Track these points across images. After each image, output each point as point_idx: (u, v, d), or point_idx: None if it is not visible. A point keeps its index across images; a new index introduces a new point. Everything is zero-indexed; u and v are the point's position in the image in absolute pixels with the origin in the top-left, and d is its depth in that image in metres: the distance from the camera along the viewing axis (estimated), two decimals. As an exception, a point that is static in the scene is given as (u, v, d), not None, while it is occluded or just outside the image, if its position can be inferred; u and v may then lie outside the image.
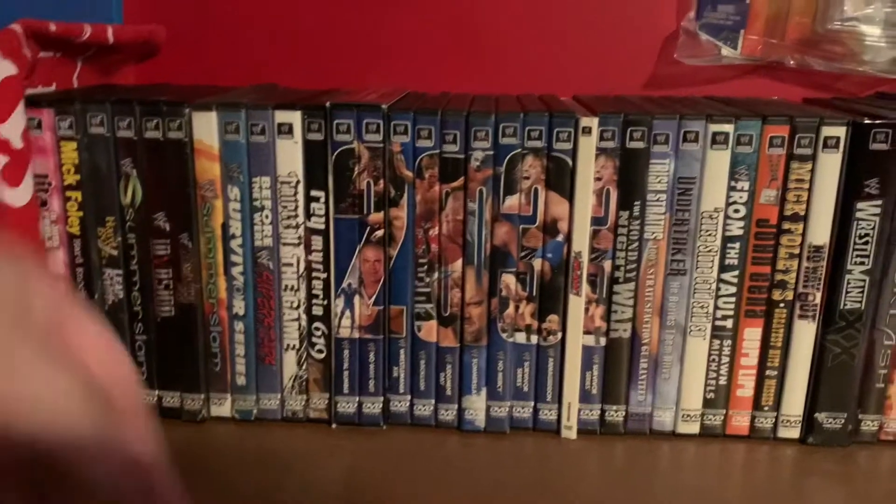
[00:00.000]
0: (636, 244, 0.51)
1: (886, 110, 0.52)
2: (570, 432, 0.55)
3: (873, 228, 0.50)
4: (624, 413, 0.55)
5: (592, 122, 0.49)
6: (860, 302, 0.51)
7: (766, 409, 0.54)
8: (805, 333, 0.52)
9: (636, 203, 0.51)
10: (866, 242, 0.50)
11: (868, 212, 0.50)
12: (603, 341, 0.53)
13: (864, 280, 0.51)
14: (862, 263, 0.51)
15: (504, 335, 0.53)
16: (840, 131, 0.49)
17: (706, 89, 0.65)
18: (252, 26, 0.67)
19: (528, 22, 0.65)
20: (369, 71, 0.67)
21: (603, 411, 0.55)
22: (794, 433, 0.55)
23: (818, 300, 0.52)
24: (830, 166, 0.49)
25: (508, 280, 0.52)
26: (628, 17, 0.64)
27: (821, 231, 0.51)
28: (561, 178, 0.50)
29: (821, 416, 0.54)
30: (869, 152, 0.49)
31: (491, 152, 0.50)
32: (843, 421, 0.54)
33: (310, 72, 0.67)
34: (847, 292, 0.51)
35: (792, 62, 0.62)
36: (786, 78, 0.64)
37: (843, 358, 0.52)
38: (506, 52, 0.66)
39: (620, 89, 0.65)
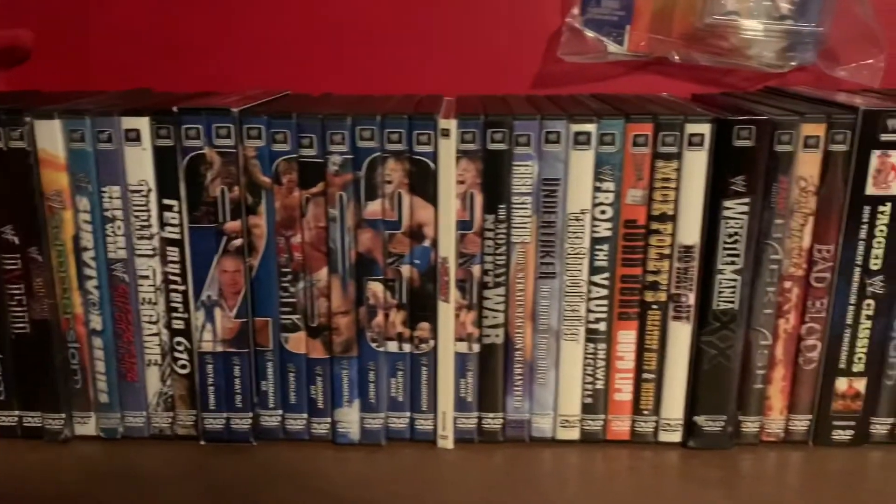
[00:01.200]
0: (504, 248, 0.50)
1: (765, 105, 0.52)
2: (446, 442, 0.53)
3: (742, 227, 0.49)
4: (502, 420, 0.53)
5: (451, 125, 0.47)
6: (733, 302, 0.50)
7: (645, 413, 0.53)
8: (680, 335, 0.51)
9: (501, 206, 0.49)
10: (736, 241, 0.49)
11: (736, 210, 0.49)
12: (476, 348, 0.52)
13: (737, 280, 0.50)
14: (733, 263, 0.49)
15: (374, 345, 0.52)
16: (704, 128, 0.48)
17: (594, 87, 0.64)
18: (129, 29, 0.65)
19: (413, 22, 0.63)
20: (251, 73, 0.65)
21: (480, 419, 0.53)
22: (676, 437, 0.53)
23: (692, 301, 0.51)
24: (696, 164, 0.48)
25: (375, 288, 0.50)
26: (514, 16, 0.63)
27: (690, 230, 0.49)
28: (424, 182, 0.49)
29: (700, 420, 0.53)
30: (733, 149, 0.48)
31: (350, 156, 0.48)
32: (723, 423, 0.53)
33: (189, 75, 0.65)
34: (719, 292, 0.50)
35: (677, 57, 0.61)
36: (675, 74, 0.63)
37: (719, 359, 0.51)
38: (391, 52, 0.64)
39: (507, 89, 0.63)
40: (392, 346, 0.52)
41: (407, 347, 0.52)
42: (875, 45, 0.59)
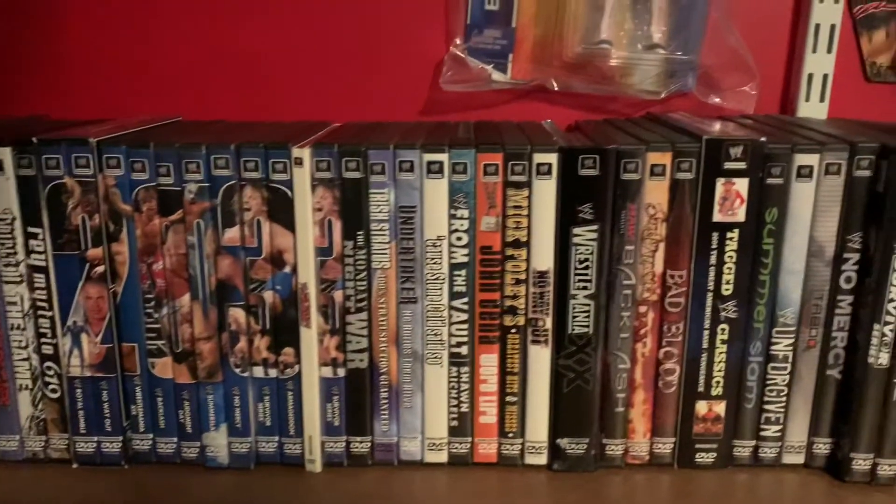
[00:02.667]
0: (365, 273, 0.51)
1: (641, 131, 0.53)
2: (314, 466, 0.54)
3: (592, 253, 0.50)
4: (370, 444, 0.54)
5: (304, 153, 0.49)
6: (588, 326, 0.51)
7: (510, 435, 0.54)
8: (540, 358, 0.52)
9: (359, 233, 0.50)
10: (587, 267, 0.50)
11: (585, 237, 0.50)
12: (341, 372, 0.53)
13: (590, 304, 0.51)
14: (585, 288, 0.50)
15: (238, 370, 0.52)
16: (551, 158, 0.49)
17: (479, 114, 0.65)
18: (28, 55, 0.66)
19: (301, 49, 0.65)
20: (145, 100, 0.66)
21: (348, 443, 0.54)
22: (542, 459, 0.54)
23: (549, 325, 0.52)
24: (546, 192, 0.49)
25: (237, 314, 0.51)
26: (400, 45, 0.64)
27: (543, 257, 0.50)
28: (282, 210, 0.50)
29: (563, 442, 0.53)
30: (580, 178, 0.49)
31: (205, 184, 0.49)
32: (585, 446, 0.53)
33: (88, 101, 0.66)
34: (574, 316, 0.51)
35: (556, 86, 0.62)
36: (559, 101, 0.65)
37: (577, 383, 0.52)
38: (280, 79, 0.65)
39: (395, 116, 0.65)
40: (258, 372, 0.53)
41: (273, 372, 0.53)
42: (747, 73, 0.61)
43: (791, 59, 0.63)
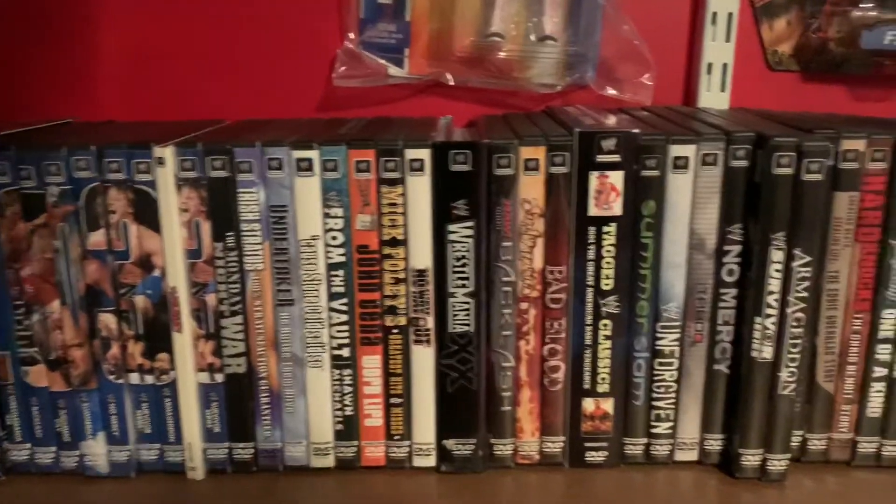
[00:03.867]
0: (237, 276, 0.50)
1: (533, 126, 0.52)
2: (195, 473, 0.52)
3: (469, 250, 0.49)
4: (253, 450, 0.53)
5: (166, 152, 0.47)
6: (468, 324, 0.50)
7: (397, 438, 0.53)
8: (423, 359, 0.51)
9: (229, 234, 0.49)
10: (464, 265, 0.49)
11: (461, 234, 0.48)
12: (219, 378, 0.51)
13: (469, 302, 0.50)
14: (464, 286, 0.49)
15: (112, 377, 0.51)
16: (424, 153, 0.48)
17: (378, 110, 0.64)
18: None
19: (196, 46, 0.63)
20: (38, 101, 0.64)
21: (231, 449, 0.53)
22: (430, 461, 0.53)
23: (430, 324, 0.50)
24: (420, 189, 0.48)
25: (107, 320, 0.50)
26: (295, 40, 0.63)
27: (421, 255, 0.49)
28: (147, 211, 0.48)
29: (450, 443, 0.52)
30: (452, 174, 0.48)
31: (67, 186, 0.48)
32: (473, 447, 0.52)
33: (-23, 104, 0.65)
34: (454, 315, 0.50)
35: (452, 81, 0.61)
36: (461, 96, 0.64)
37: (461, 382, 0.51)
38: (176, 77, 0.64)
39: (291, 113, 0.63)
40: (134, 378, 0.51)
41: (149, 379, 0.51)
42: (643, 64, 0.60)
43: (692, 48, 0.62)
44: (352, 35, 0.61)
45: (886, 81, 0.63)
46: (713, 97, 0.61)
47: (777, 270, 0.47)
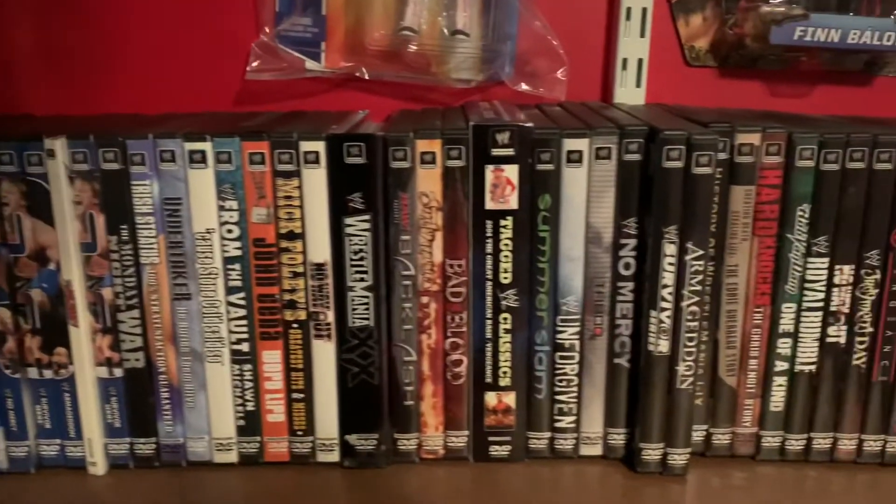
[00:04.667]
0: (133, 269, 0.49)
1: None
2: (96, 468, 0.52)
3: (366, 244, 0.48)
4: (155, 445, 0.52)
5: (57, 144, 0.47)
6: (368, 318, 0.50)
7: (300, 433, 0.52)
8: (324, 354, 0.51)
9: (123, 227, 0.48)
10: (362, 258, 0.49)
11: (358, 227, 0.48)
12: (118, 372, 0.51)
13: (369, 296, 0.49)
14: (363, 279, 0.49)
15: (9, 372, 0.50)
16: (319, 146, 0.47)
17: (296, 104, 0.63)
18: None
19: (113, 40, 0.62)
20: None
21: (132, 444, 0.52)
22: (334, 457, 0.53)
23: (330, 319, 0.50)
24: (316, 182, 0.48)
25: (2, 314, 0.49)
26: (211, 36, 0.62)
27: (319, 248, 0.49)
28: (41, 204, 0.48)
29: (352, 438, 0.52)
30: (347, 166, 0.47)
31: (-43, 179, 0.47)
32: (375, 442, 0.52)
33: None
34: (353, 309, 0.50)
35: (367, 75, 0.60)
36: (379, 91, 0.63)
37: (362, 377, 0.51)
38: (93, 71, 0.63)
39: (210, 107, 0.63)
40: (32, 373, 0.50)
41: (48, 373, 0.50)
42: (556, 60, 0.60)
43: (608, 44, 0.62)
44: (267, 29, 0.61)
45: (803, 77, 0.63)
46: (628, 93, 0.61)
47: (670, 264, 0.47)
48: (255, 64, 0.60)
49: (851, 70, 0.63)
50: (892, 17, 0.56)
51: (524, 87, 0.60)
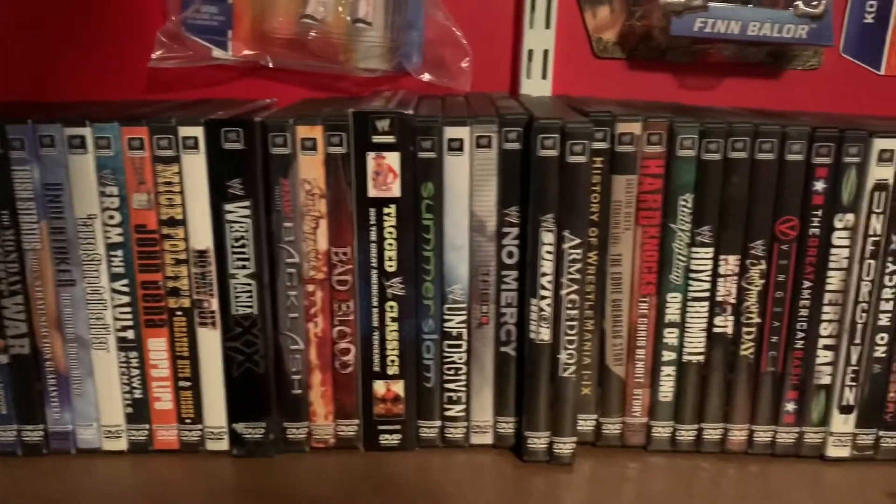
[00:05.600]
0: (16, 255, 0.49)
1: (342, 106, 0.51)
2: (-19, 456, 0.52)
3: (247, 230, 0.48)
4: (43, 432, 0.52)
5: (-68, 129, 0.47)
6: (251, 306, 0.50)
7: (188, 421, 0.52)
8: (209, 342, 0.51)
9: (4, 212, 0.48)
10: (243, 245, 0.48)
11: (238, 213, 0.48)
12: (4, 359, 0.50)
13: (251, 284, 0.49)
14: (244, 267, 0.49)
15: None
16: (197, 131, 0.47)
17: (204, 92, 0.63)
18: None
19: (19, 27, 0.62)
20: None
21: (20, 432, 0.52)
22: (223, 445, 0.53)
23: (214, 306, 0.50)
24: (196, 168, 0.48)
25: None
26: (118, 24, 0.62)
27: (201, 235, 0.49)
28: (-81, 189, 0.48)
29: (240, 427, 0.52)
30: (225, 152, 0.47)
31: None
32: (263, 431, 0.52)
33: None
34: (236, 297, 0.49)
35: (271, 63, 0.60)
36: (289, 79, 0.63)
37: (247, 366, 0.51)
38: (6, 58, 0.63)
39: (117, 95, 0.63)
40: (-84, 359, 0.50)
41: (-69, 359, 0.50)
42: (460, 50, 0.60)
43: (516, 36, 0.62)
44: (174, 17, 0.60)
45: (712, 69, 0.63)
46: (534, 84, 0.61)
47: (548, 252, 0.47)
48: (159, 52, 0.60)
49: (754, 62, 0.63)
50: (791, 9, 0.57)
51: (429, 77, 0.60)
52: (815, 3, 0.56)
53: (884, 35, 0.63)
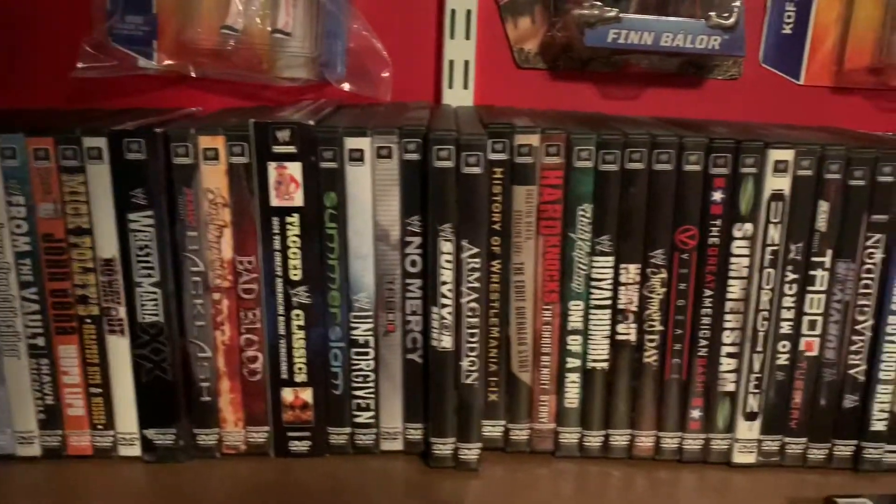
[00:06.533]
0: (-76, 264, 0.50)
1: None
2: None
3: (151, 239, 0.49)
4: (-44, 439, 0.53)
5: None
6: (158, 314, 0.50)
7: (100, 427, 0.53)
8: (119, 349, 0.51)
9: (-89, 221, 0.49)
10: (148, 254, 0.49)
11: (142, 223, 0.49)
12: (-86, 366, 0.51)
13: (157, 292, 0.50)
14: (150, 275, 0.49)
15: None
16: (101, 142, 0.48)
17: (129, 101, 0.64)
18: None
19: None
20: None
21: (-68, 439, 0.53)
22: (136, 451, 0.53)
23: (122, 314, 0.50)
24: (100, 178, 0.48)
25: None
26: (43, 33, 0.62)
27: (107, 244, 0.49)
28: None
29: (150, 433, 0.52)
30: (128, 162, 0.48)
31: None
32: (174, 437, 0.52)
33: None
34: (143, 305, 0.50)
35: (194, 73, 0.61)
36: (215, 89, 0.64)
37: (156, 373, 0.51)
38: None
39: (45, 102, 0.63)
40: None
41: None
42: (380, 61, 0.60)
43: (438, 46, 0.63)
44: (99, 27, 0.61)
45: (635, 79, 0.64)
46: (456, 94, 0.62)
47: (448, 261, 0.48)
48: (84, 62, 0.61)
49: (677, 73, 0.64)
50: (704, 20, 0.58)
51: (350, 87, 0.60)
52: (726, 14, 0.57)
53: (802, 45, 0.64)
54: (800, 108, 0.65)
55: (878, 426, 0.53)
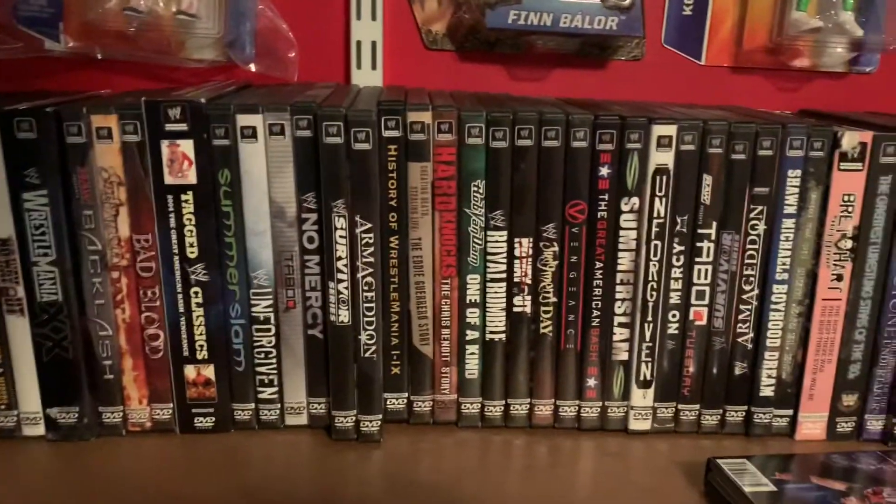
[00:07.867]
0: None
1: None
2: None
3: (46, 218, 0.49)
4: None
5: None
6: (56, 293, 0.50)
7: (3, 407, 0.53)
8: (19, 328, 0.51)
9: None
10: (43, 233, 0.49)
11: (36, 202, 0.49)
12: None
13: (55, 271, 0.50)
14: (46, 254, 0.50)
15: None
16: (-8, 121, 0.48)
17: (42, 83, 0.64)
18: None
19: None
20: None
21: None
22: (40, 430, 0.53)
23: (21, 294, 0.51)
24: None
25: None
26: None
27: (2, 224, 0.49)
28: None
29: (53, 412, 0.53)
30: (19, 141, 0.48)
31: None
32: (77, 415, 0.53)
33: None
34: (40, 284, 0.50)
35: (100, 55, 0.61)
36: (124, 70, 0.64)
37: (56, 351, 0.51)
38: None
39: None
40: None
41: None
42: (286, 42, 0.61)
43: (347, 27, 0.64)
44: (4, 8, 0.61)
45: (541, 60, 0.66)
46: (364, 75, 0.63)
47: (342, 237, 0.49)
48: (-11, 43, 0.61)
49: (581, 53, 0.65)
50: (601, 1, 0.59)
51: (257, 67, 0.61)
52: (623, -5, 0.59)
53: (702, 26, 0.66)
54: (702, 88, 0.67)
55: (767, 391, 0.55)
